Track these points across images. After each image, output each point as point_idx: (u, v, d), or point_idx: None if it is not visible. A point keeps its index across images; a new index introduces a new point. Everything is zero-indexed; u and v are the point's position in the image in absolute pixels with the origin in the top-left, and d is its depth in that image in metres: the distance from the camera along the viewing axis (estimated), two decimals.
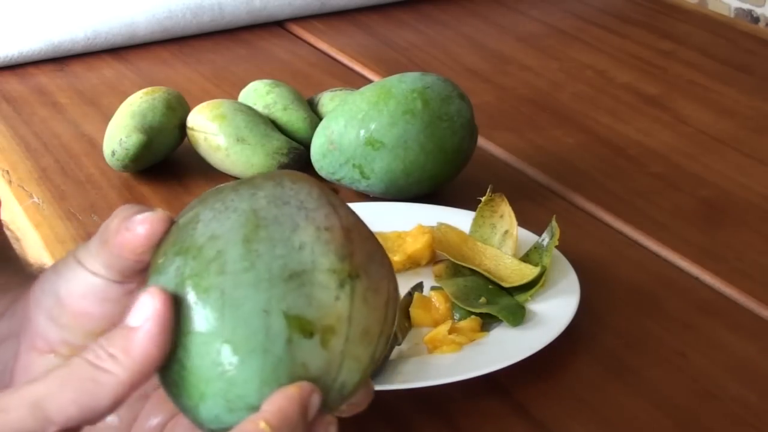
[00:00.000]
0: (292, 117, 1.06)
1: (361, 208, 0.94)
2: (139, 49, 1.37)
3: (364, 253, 0.45)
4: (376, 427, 0.70)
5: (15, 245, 0.70)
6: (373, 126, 0.95)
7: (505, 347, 0.76)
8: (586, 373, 0.77)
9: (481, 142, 1.08)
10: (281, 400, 0.42)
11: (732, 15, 1.53)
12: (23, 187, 1.03)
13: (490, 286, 0.83)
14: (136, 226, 0.44)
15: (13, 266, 0.64)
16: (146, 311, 0.42)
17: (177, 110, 1.06)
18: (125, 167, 1.02)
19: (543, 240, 0.85)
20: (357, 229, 0.46)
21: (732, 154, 1.10)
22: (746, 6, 1.52)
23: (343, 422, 0.47)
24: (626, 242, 0.94)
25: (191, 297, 0.42)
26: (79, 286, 0.46)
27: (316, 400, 0.43)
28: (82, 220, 0.97)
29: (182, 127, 1.05)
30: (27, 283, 0.50)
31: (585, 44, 1.40)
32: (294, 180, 0.46)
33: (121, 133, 1.02)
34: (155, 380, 0.44)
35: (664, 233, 0.95)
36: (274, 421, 0.41)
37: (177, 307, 0.42)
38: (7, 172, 1.06)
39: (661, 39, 1.41)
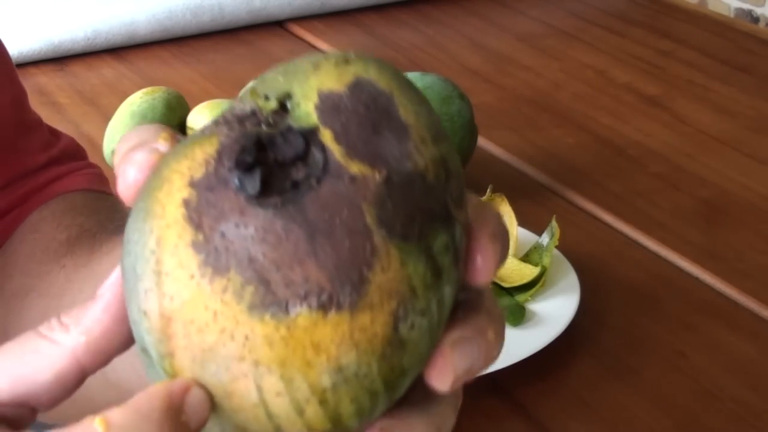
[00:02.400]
0: None
1: None
2: (139, 49, 1.37)
3: None
4: None
5: None
6: None
7: (505, 347, 0.76)
8: (586, 373, 0.77)
9: (481, 142, 1.08)
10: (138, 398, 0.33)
11: (732, 15, 1.53)
12: None
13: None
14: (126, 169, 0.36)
15: None
16: (109, 280, 0.36)
17: (177, 110, 1.06)
18: None
19: (543, 240, 0.85)
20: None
21: (732, 154, 1.10)
22: (746, 6, 1.52)
23: None
24: (626, 242, 0.94)
25: None
26: None
27: (195, 398, 0.33)
28: None
29: (182, 127, 1.05)
30: None
31: (585, 44, 1.40)
32: None
33: (121, 133, 1.02)
34: None
35: (664, 233, 0.95)
36: (117, 418, 0.32)
37: None
38: None
39: (661, 39, 1.41)
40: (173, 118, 1.05)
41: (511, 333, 0.78)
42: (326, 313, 0.31)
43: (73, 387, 0.36)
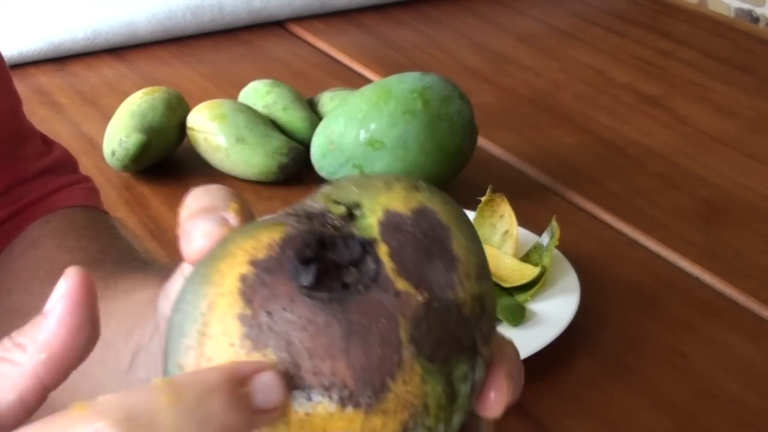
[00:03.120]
0: (292, 117, 1.06)
1: None
2: (139, 49, 1.37)
3: None
4: None
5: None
6: (373, 126, 0.95)
7: None
8: (586, 373, 0.77)
9: (481, 142, 1.08)
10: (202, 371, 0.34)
11: (732, 15, 1.53)
12: None
13: None
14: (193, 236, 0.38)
15: (142, 269, 0.62)
16: (57, 293, 0.36)
17: (177, 110, 1.06)
18: (125, 167, 1.02)
19: (543, 240, 0.85)
20: None
21: (732, 154, 1.10)
22: (746, 6, 1.52)
23: None
24: (626, 242, 0.94)
25: None
26: None
27: (266, 377, 0.33)
28: None
29: (182, 127, 1.05)
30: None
31: (585, 44, 1.40)
32: None
33: (121, 133, 1.02)
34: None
35: (664, 233, 0.95)
36: (179, 379, 0.33)
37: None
38: None
39: (661, 39, 1.41)
40: (173, 118, 1.05)
41: (511, 333, 0.78)
42: (344, 408, 0.34)
43: (36, 405, 0.36)
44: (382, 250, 0.35)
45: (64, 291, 0.36)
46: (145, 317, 0.50)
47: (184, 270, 0.41)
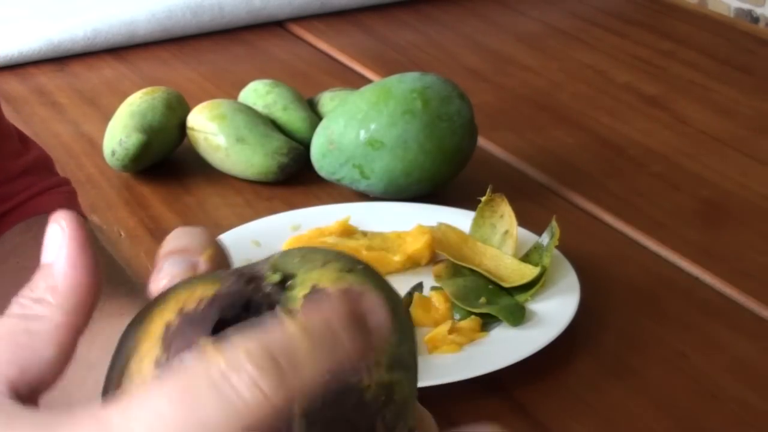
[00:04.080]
0: (292, 117, 1.06)
1: (361, 208, 0.95)
2: (139, 49, 1.37)
3: None
4: None
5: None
6: (373, 126, 0.95)
7: (505, 347, 0.76)
8: (586, 373, 0.77)
9: (481, 142, 1.08)
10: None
11: (732, 15, 1.53)
12: None
13: (490, 286, 0.83)
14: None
15: (128, 288, 0.63)
16: (56, 240, 0.36)
17: (177, 110, 1.06)
18: (125, 167, 1.02)
19: (543, 240, 0.85)
20: None
21: (732, 154, 1.10)
22: (746, 6, 1.52)
23: None
24: (626, 242, 0.94)
25: None
26: None
27: (372, 300, 0.34)
28: None
29: (182, 127, 1.05)
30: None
31: (585, 44, 1.40)
32: None
33: (121, 133, 1.02)
34: None
35: (664, 233, 0.95)
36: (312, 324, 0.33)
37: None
38: None
39: (661, 39, 1.41)
40: (173, 118, 1.05)
41: (511, 333, 0.78)
42: None
43: (73, 352, 0.37)
44: None
45: (63, 234, 0.36)
46: None
47: None
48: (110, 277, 0.64)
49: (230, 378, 0.31)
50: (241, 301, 0.37)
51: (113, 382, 0.37)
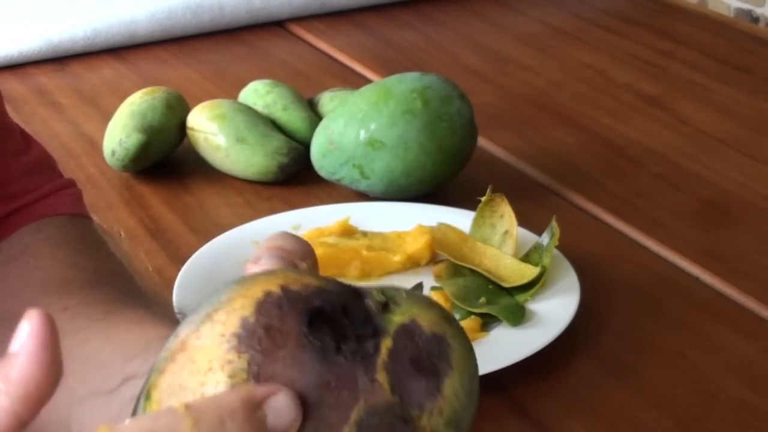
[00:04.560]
0: (292, 117, 1.06)
1: (361, 208, 0.95)
2: (139, 49, 1.37)
3: None
4: None
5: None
6: (373, 126, 0.95)
7: (505, 347, 0.76)
8: (586, 373, 0.77)
9: (481, 142, 1.08)
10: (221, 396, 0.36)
11: (732, 15, 1.53)
12: None
13: (490, 286, 0.83)
14: None
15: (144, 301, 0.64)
16: (23, 334, 0.37)
17: (177, 110, 1.06)
18: (125, 167, 1.02)
19: (543, 240, 0.85)
20: None
21: (732, 154, 1.10)
22: (746, 6, 1.52)
23: None
24: (626, 242, 0.94)
25: None
26: None
27: (279, 404, 0.36)
28: None
29: (182, 127, 1.05)
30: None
31: (585, 44, 1.40)
32: None
33: (121, 133, 1.02)
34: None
35: (664, 233, 0.95)
36: (197, 404, 0.35)
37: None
38: None
39: (661, 39, 1.41)
40: (173, 118, 1.05)
41: (511, 333, 0.78)
42: None
43: None
44: (386, 344, 0.38)
45: (29, 331, 0.37)
46: (151, 352, 0.51)
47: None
48: (127, 289, 0.64)
49: None
50: (342, 303, 0.38)
51: (192, 321, 0.38)
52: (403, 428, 0.37)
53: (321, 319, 0.38)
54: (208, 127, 1.03)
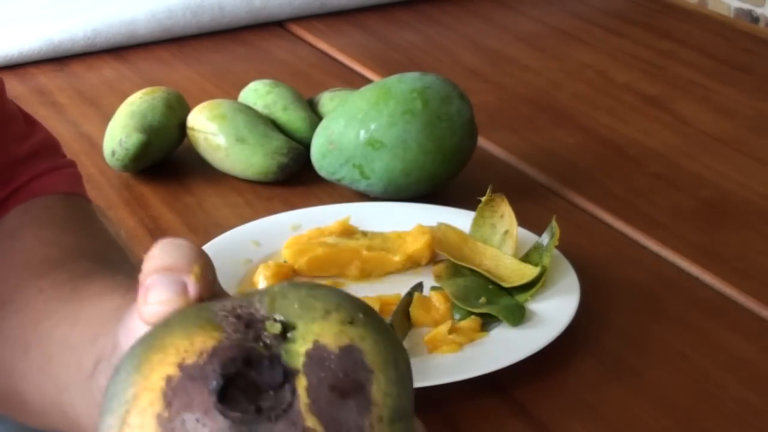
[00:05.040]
0: (292, 117, 1.06)
1: (361, 208, 0.95)
2: (139, 49, 1.37)
3: None
4: None
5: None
6: (373, 126, 0.95)
7: (505, 347, 0.76)
8: (586, 373, 0.77)
9: (481, 142, 1.08)
10: None
11: (732, 15, 1.53)
12: None
13: (490, 286, 0.83)
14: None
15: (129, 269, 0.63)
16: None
17: (177, 110, 1.06)
18: (125, 167, 1.02)
19: (543, 240, 0.85)
20: None
21: (732, 154, 1.10)
22: (746, 6, 1.52)
23: None
24: (626, 242, 0.94)
25: None
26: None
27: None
28: None
29: (182, 127, 1.05)
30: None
31: (585, 44, 1.40)
32: None
33: (121, 133, 1.02)
34: None
35: (664, 233, 0.95)
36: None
37: None
38: None
39: (661, 39, 1.41)
40: (173, 118, 1.05)
41: (511, 333, 0.78)
42: None
43: None
44: (301, 384, 0.37)
45: None
46: (108, 327, 0.51)
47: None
48: (97, 254, 0.63)
49: None
50: (241, 356, 0.37)
51: (112, 427, 0.37)
52: None
53: (230, 383, 0.37)
54: (208, 127, 1.03)
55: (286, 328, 0.38)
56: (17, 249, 0.63)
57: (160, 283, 0.40)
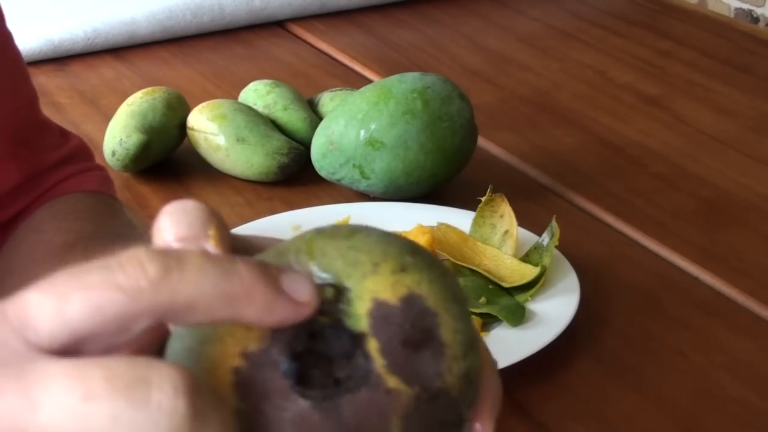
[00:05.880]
0: (292, 117, 1.06)
1: (361, 208, 0.95)
2: (139, 49, 1.37)
3: None
4: None
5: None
6: (373, 126, 0.95)
7: (505, 347, 0.76)
8: (586, 373, 0.77)
9: (481, 142, 1.08)
10: None
11: (732, 15, 1.53)
12: None
13: (490, 286, 0.83)
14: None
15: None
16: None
17: (177, 110, 1.06)
18: (125, 167, 1.02)
19: (543, 240, 0.85)
20: None
21: (732, 154, 1.10)
22: (746, 6, 1.52)
23: None
24: (626, 242, 0.94)
25: None
26: None
27: (296, 277, 0.34)
28: None
29: (182, 127, 1.05)
30: None
31: (585, 44, 1.40)
32: None
33: (121, 133, 1.02)
34: None
35: (664, 233, 0.95)
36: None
37: None
38: None
39: (661, 39, 1.41)
40: (173, 118, 1.05)
41: (511, 333, 0.78)
42: None
43: None
44: (372, 346, 0.35)
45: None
46: None
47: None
48: (117, 236, 0.63)
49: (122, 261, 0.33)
50: (304, 332, 0.35)
51: None
52: (445, 408, 0.36)
53: (300, 361, 0.35)
54: (209, 127, 1.03)
55: (339, 290, 0.36)
56: (38, 241, 0.63)
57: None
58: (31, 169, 0.66)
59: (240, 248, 0.40)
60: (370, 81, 1.26)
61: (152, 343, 0.36)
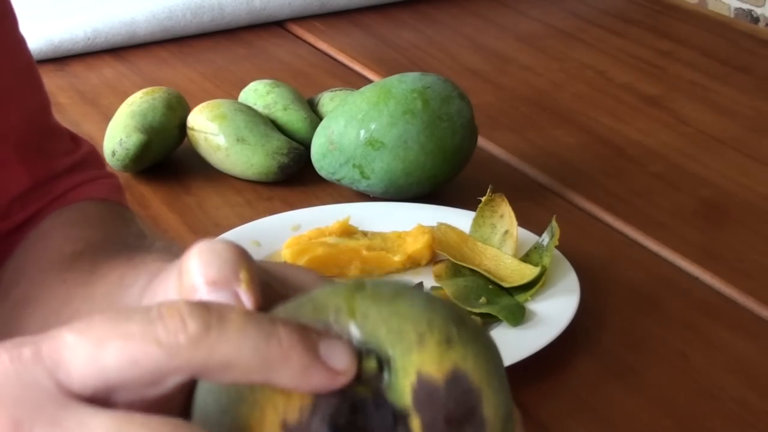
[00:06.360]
0: (292, 117, 1.06)
1: (361, 208, 0.95)
2: (139, 49, 1.37)
3: None
4: None
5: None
6: (373, 126, 0.95)
7: (505, 347, 0.76)
8: (586, 373, 0.77)
9: (481, 142, 1.08)
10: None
11: (732, 15, 1.53)
12: None
13: (490, 286, 0.83)
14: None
15: (148, 244, 0.62)
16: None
17: (177, 110, 1.06)
18: (125, 167, 1.02)
19: (543, 240, 0.85)
20: None
21: (732, 154, 1.10)
22: (746, 6, 1.52)
23: None
24: (626, 242, 0.94)
25: None
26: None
27: (336, 345, 0.34)
28: None
29: (182, 127, 1.05)
30: (164, 262, 0.46)
31: (585, 44, 1.40)
32: None
33: (121, 133, 1.02)
34: None
35: (664, 233, 0.95)
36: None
37: None
38: None
39: (661, 39, 1.41)
40: (173, 118, 1.05)
41: (511, 333, 0.78)
42: None
43: None
44: (415, 424, 0.34)
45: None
46: (124, 299, 0.50)
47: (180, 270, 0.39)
48: (126, 244, 0.62)
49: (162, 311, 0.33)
50: (346, 404, 0.34)
51: None
52: None
53: None
54: (209, 127, 1.03)
55: (383, 362, 0.35)
56: (46, 248, 0.63)
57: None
58: (41, 175, 0.66)
59: (270, 281, 0.39)
60: (370, 81, 1.26)
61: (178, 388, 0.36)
